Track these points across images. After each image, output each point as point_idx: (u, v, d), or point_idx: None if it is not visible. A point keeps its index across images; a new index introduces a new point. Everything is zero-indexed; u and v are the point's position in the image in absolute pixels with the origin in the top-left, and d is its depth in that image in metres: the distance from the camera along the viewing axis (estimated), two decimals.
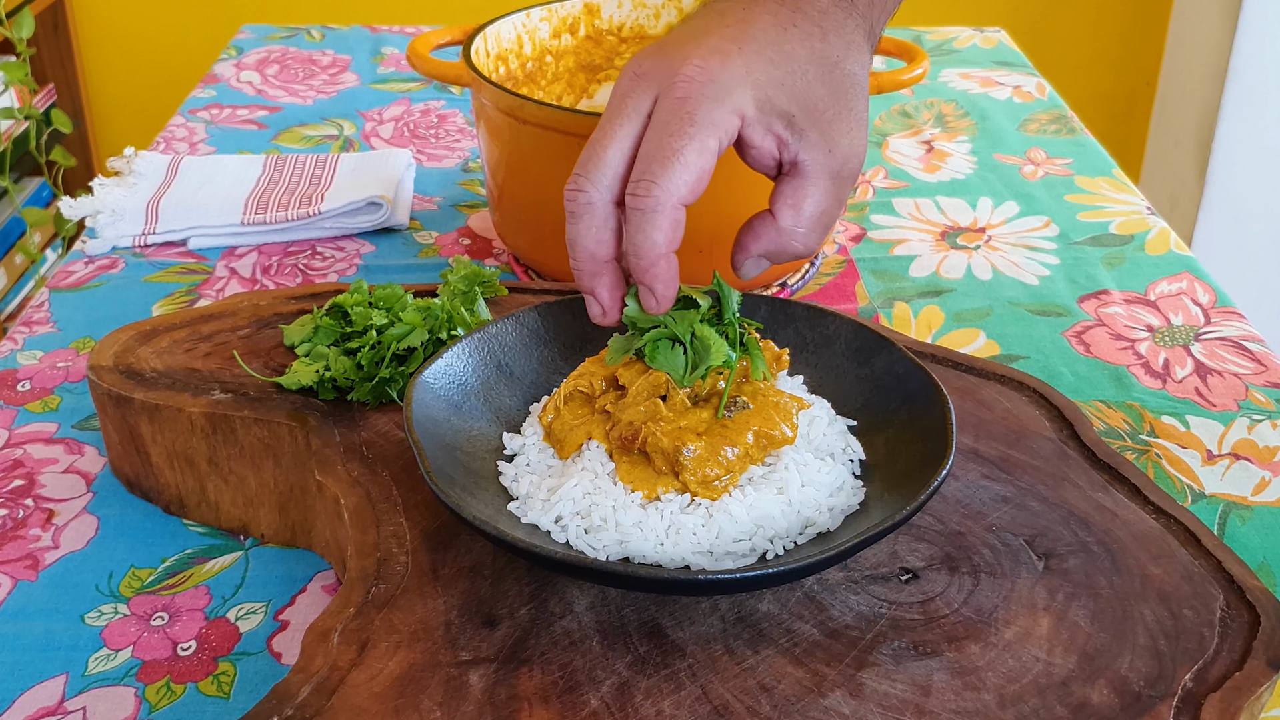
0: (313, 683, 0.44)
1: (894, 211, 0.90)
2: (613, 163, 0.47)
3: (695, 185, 0.46)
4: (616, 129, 0.47)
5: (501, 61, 0.83)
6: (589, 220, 0.48)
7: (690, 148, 0.46)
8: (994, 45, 1.21)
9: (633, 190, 0.46)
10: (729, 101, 0.46)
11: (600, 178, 0.48)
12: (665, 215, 0.46)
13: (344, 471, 0.54)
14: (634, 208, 0.46)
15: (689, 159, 0.46)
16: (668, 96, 0.46)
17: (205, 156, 0.96)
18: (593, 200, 0.48)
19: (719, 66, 0.46)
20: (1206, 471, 0.64)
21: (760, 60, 0.47)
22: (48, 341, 0.75)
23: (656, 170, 0.46)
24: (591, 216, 0.48)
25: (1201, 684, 0.45)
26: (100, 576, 0.57)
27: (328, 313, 0.64)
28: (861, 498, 0.51)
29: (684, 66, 0.46)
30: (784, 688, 0.44)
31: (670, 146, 0.46)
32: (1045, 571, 0.50)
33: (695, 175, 0.46)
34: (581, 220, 0.48)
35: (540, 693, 0.44)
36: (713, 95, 0.46)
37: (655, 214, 0.46)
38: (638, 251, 0.47)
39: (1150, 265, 0.83)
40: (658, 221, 0.46)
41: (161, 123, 1.08)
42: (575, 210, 0.48)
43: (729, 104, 0.46)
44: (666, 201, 0.46)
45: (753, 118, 0.47)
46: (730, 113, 0.46)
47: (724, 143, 0.47)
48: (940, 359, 0.63)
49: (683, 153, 0.46)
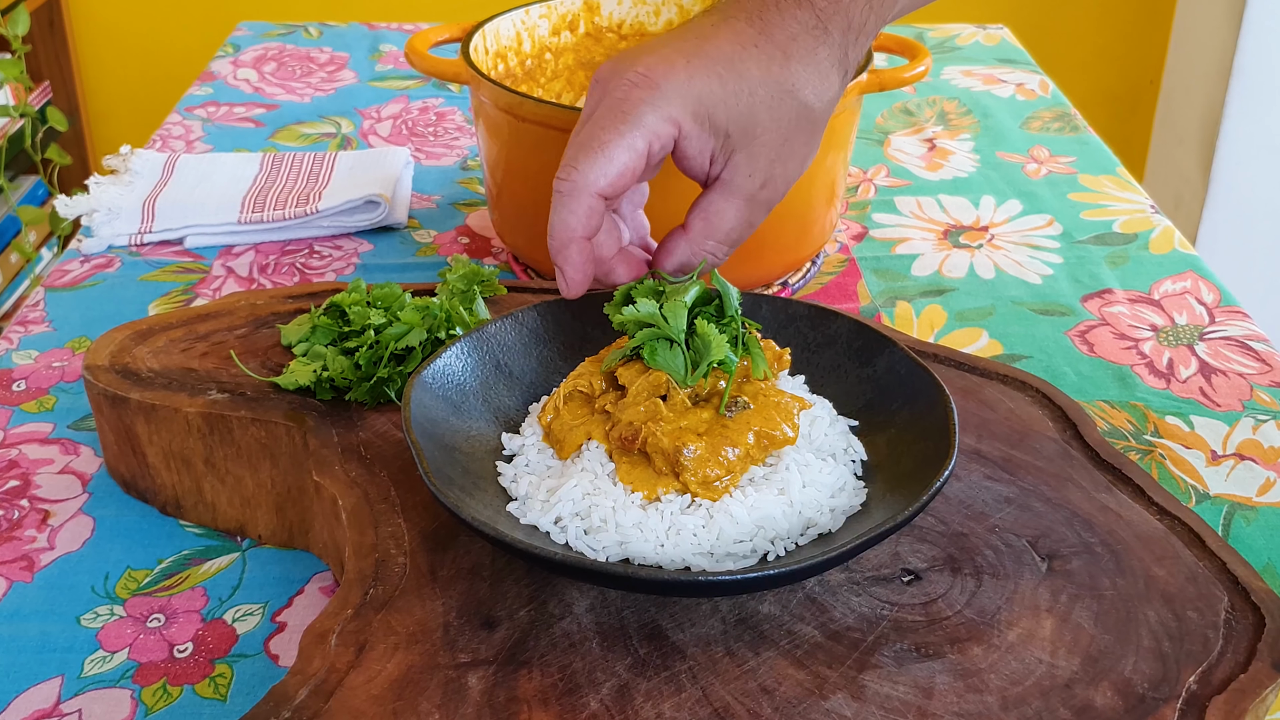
0: (310, 685, 0.44)
1: (896, 210, 0.90)
2: None
3: (616, 180, 0.48)
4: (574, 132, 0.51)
5: (500, 59, 0.83)
6: None
7: (616, 143, 0.48)
8: (997, 42, 1.21)
9: (558, 174, 0.49)
10: (664, 109, 0.48)
11: None
12: (580, 200, 0.49)
13: (342, 472, 0.54)
14: (556, 190, 0.49)
15: (612, 153, 0.48)
16: (609, 96, 0.49)
17: (202, 155, 0.95)
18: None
19: (662, 75, 0.48)
20: (1211, 472, 0.64)
21: (707, 76, 0.49)
22: (43, 341, 0.74)
23: (580, 158, 0.49)
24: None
25: (1206, 686, 0.45)
26: (96, 578, 0.57)
27: (325, 312, 0.64)
28: (863, 498, 0.51)
29: (629, 72, 0.48)
30: (785, 690, 0.44)
31: (597, 138, 0.48)
32: (1048, 573, 0.50)
33: (617, 169, 0.48)
34: None
35: (540, 695, 0.44)
36: (649, 101, 0.48)
37: (570, 197, 0.49)
38: (552, 232, 0.50)
39: (1154, 264, 0.83)
40: (572, 205, 0.49)
41: (158, 120, 1.08)
42: None
43: (664, 111, 0.48)
44: (584, 188, 0.49)
45: (689, 130, 0.49)
46: (664, 119, 0.48)
47: (655, 147, 0.49)
48: (942, 359, 0.63)
49: (607, 145, 0.48)
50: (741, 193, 0.51)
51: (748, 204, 0.51)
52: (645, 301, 0.51)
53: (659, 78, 0.48)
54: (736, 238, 0.53)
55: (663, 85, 0.48)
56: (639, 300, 0.51)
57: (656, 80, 0.48)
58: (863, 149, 0.99)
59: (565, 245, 0.50)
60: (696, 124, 0.49)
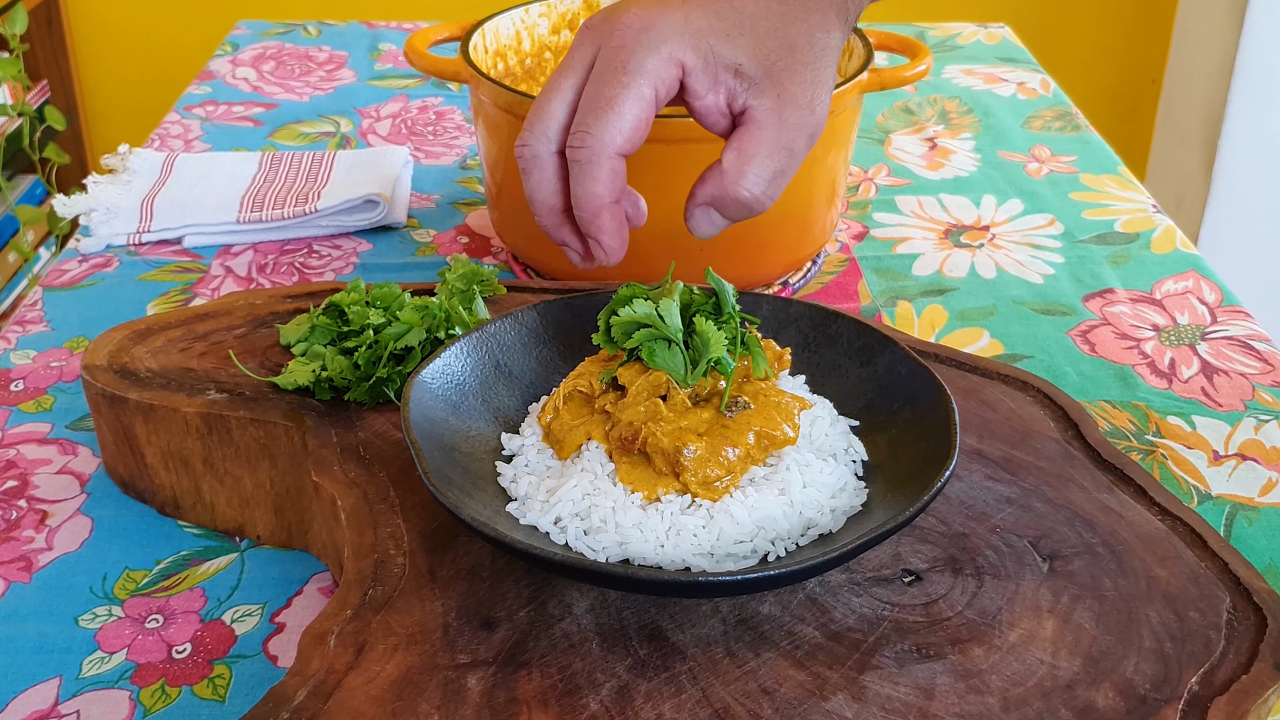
0: (309, 686, 0.44)
1: (897, 209, 0.90)
2: (555, 115, 0.48)
3: (632, 135, 0.46)
4: (560, 80, 0.48)
5: (500, 58, 0.83)
6: (538, 174, 0.49)
7: (624, 96, 0.46)
8: (998, 41, 1.21)
9: (570, 143, 0.47)
10: (664, 49, 0.46)
11: (543, 130, 0.48)
12: (602, 165, 0.47)
13: (341, 472, 0.54)
14: (573, 160, 0.47)
15: (623, 108, 0.46)
16: (606, 46, 0.47)
17: (200, 154, 0.95)
18: (538, 154, 0.48)
19: (656, 15, 0.46)
20: (1213, 472, 0.64)
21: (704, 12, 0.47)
22: (41, 341, 0.74)
23: (591, 121, 0.46)
24: (540, 170, 0.49)
25: (1208, 687, 0.45)
26: (94, 578, 0.57)
27: (324, 312, 0.64)
28: (864, 499, 0.51)
29: (623, 16, 0.46)
30: (786, 691, 0.44)
31: (604, 96, 0.46)
32: (1050, 573, 0.50)
33: (631, 124, 0.46)
34: (531, 175, 0.49)
35: (539, 696, 0.44)
36: (647, 43, 0.46)
37: (592, 165, 0.47)
38: (579, 204, 0.47)
39: (1156, 264, 0.83)
40: (595, 173, 0.47)
41: (156, 120, 1.08)
42: (524, 166, 0.49)
43: (664, 51, 0.46)
44: (602, 152, 0.46)
45: (695, 66, 0.46)
46: (666, 60, 0.46)
47: (662, 91, 0.46)
48: (943, 358, 0.63)
49: (616, 101, 0.46)
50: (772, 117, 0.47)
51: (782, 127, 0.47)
52: (640, 303, 0.50)
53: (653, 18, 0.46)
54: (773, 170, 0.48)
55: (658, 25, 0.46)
56: (634, 302, 0.50)
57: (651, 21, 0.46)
58: (863, 148, 0.99)
59: (596, 214, 0.47)
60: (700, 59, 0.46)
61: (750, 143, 0.48)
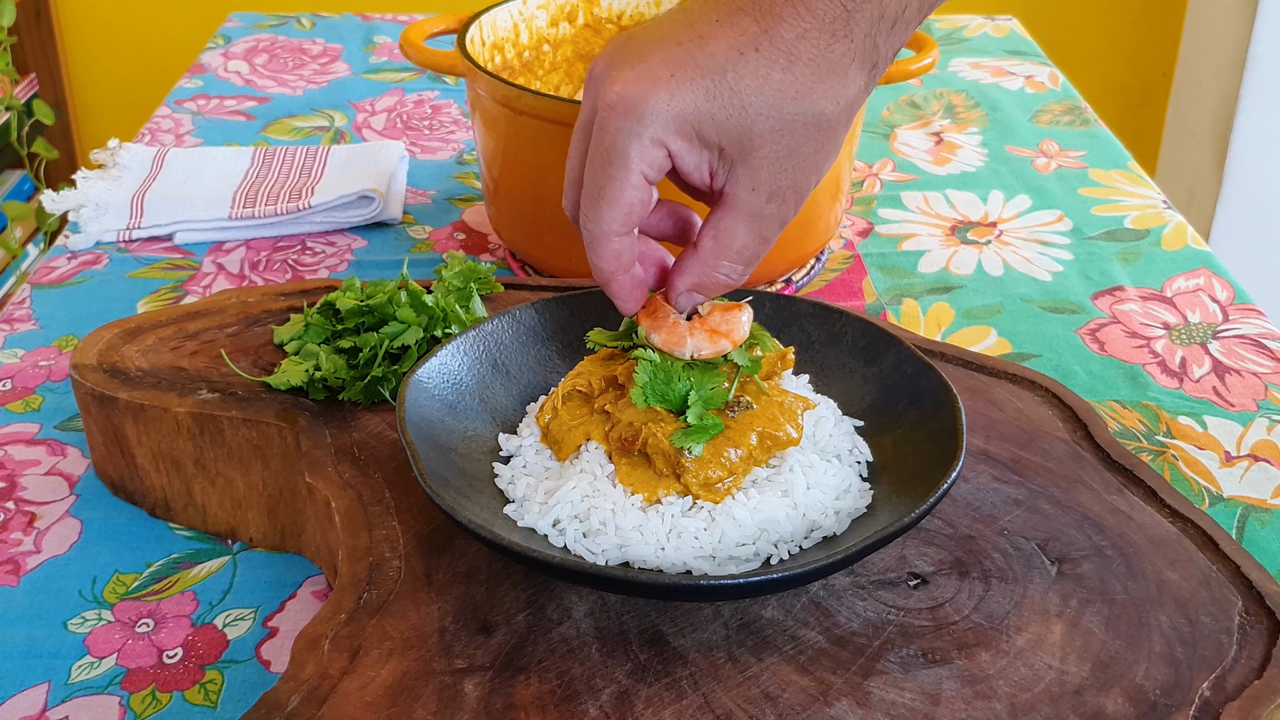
0: (303, 691, 0.44)
1: (902, 205, 0.89)
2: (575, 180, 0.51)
3: (626, 219, 0.48)
4: (574, 143, 0.51)
5: (497, 50, 0.82)
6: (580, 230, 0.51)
7: (613, 186, 0.48)
8: (1005, 34, 1.21)
9: (580, 221, 0.50)
10: (645, 134, 0.47)
11: (571, 195, 0.51)
12: (605, 246, 0.49)
13: (335, 473, 0.54)
14: (582, 234, 0.50)
15: (614, 196, 0.48)
16: (596, 125, 0.48)
17: (192, 149, 0.95)
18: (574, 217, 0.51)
19: (639, 97, 0.47)
20: (1224, 473, 0.63)
21: (692, 90, 0.47)
22: (29, 339, 0.74)
23: (589, 207, 0.49)
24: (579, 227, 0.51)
25: (1219, 693, 0.44)
26: (83, 582, 0.56)
27: (318, 310, 0.63)
28: (869, 500, 0.51)
29: (608, 92, 0.47)
30: (789, 696, 0.44)
31: (596, 185, 0.48)
32: (1058, 577, 0.49)
33: (624, 210, 0.48)
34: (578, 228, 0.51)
35: (538, 702, 0.44)
36: (628, 130, 0.47)
37: (595, 244, 0.49)
38: (593, 271, 0.50)
39: (1166, 261, 0.83)
40: (599, 251, 0.49)
41: (147, 114, 1.07)
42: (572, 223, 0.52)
43: (646, 135, 0.47)
44: (601, 235, 0.49)
45: (679, 149, 0.48)
46: (650, 143, 0.47)
47: (652, 173, 0.48)
48: (950, 357, 0.63)
49: (606, 191, 0.48)
50: (746, 208, 0.49)
51: (755, 219, 0.49)
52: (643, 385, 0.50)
53: (636, 100, 0.46)
54: (750, 255, 0.50)
55: (640, 109, 0.46)
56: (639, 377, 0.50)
57: (633, 103, 0.46)
58: (868, 143, 0.98)
59: (608, 281, 0.51)
60: (684, 141, 0.47)
61: (725, 233, 0.49)
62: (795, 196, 0.49)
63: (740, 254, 0.50)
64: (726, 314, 0.51)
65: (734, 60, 0.46)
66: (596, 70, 0.49)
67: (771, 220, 0.49)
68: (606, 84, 0.47)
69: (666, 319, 0.51)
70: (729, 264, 0.50)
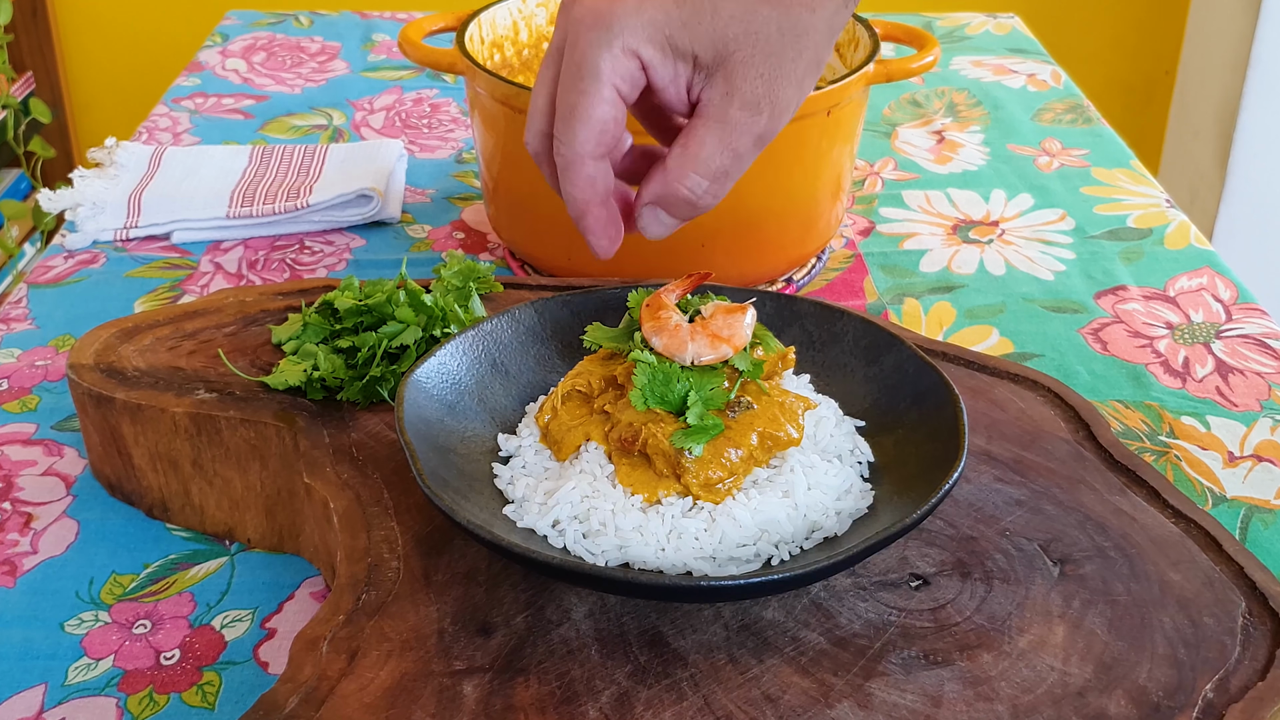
0: (301, 693, 0.43)
1: (904, 204, 0.89)
2: (543, 109, 0.49)
3: (601, 137, 0.47)
4: (543, 71, 0.49)
5: (497, 48, 0.82)
6: (545, 169, 0.50)
7: (585, 103, 0.46)
8: (1007, 32, 1.20)
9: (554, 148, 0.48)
10: (616, 44, 0.46)
11: (537, 127, 0.49)
12: (579, 170, 0.47)
13: (333, 474, 0.54)
14: (556, 162, 0.48)
15: (587, 112, 0.46)
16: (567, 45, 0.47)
17: (189, 147, 0.95)
18: (538, 150, 0.50)
19: (607, 7, 0.46)
20: (1228, 474, 0.63)
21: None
22: (26, 339, 0.73)
23: (562, 129, 0.47)
24: (545, 165, 0.50)
25: (1223, 694, 0.44)
26: (80, 583, 0.56)
27: (316, 309, 0.63)
28: (870, 501, 0.51)
29: (577, 6, 0.46)
30: (789, 698, 0.44)
31: (568, 103, 0.46)
32: (1060, 577, 0.49)
33: (599, 128, 0.46)
34: (542, 169, 0.50)
35: (537, 703, 0.43)
36: (599, 41, 0.46)
37: (569, 170, 0.47)
38: (567, 205, 0.48)
39: (1169, 260, 0.82)
40: (572, 177, 0.47)
41: (144, 112, 1.06)
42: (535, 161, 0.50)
43: (616, 46, 0.46)
44: (575, 158, 0.47)
45: (652, 59, 0.46)
46: (620, 55, 0.46)
47: (625, 87, 0.46)
48: (951, 357, 0.63)
49: (579, 108, 0.46)
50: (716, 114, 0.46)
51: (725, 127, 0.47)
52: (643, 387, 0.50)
53: (603, 10, 0.45)
54: (718, 168, 0.47)
55: (609, 19, 0.45)
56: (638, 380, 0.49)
57: (602, 14, 0.45)
58: (869, 141, 0.98)
59: (581, 215, 0.48)
60: (657, 51, 0.46)
61: (694, 141, 0.47)
62: (771, 108, 0.47)
63: (707, 165, 0.47)
64: (729, 317, 0.50)
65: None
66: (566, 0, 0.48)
67: (743, 130, 0.47)
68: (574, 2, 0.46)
69: (668, 322, 0.51)
70: (695, 176, 0.47)
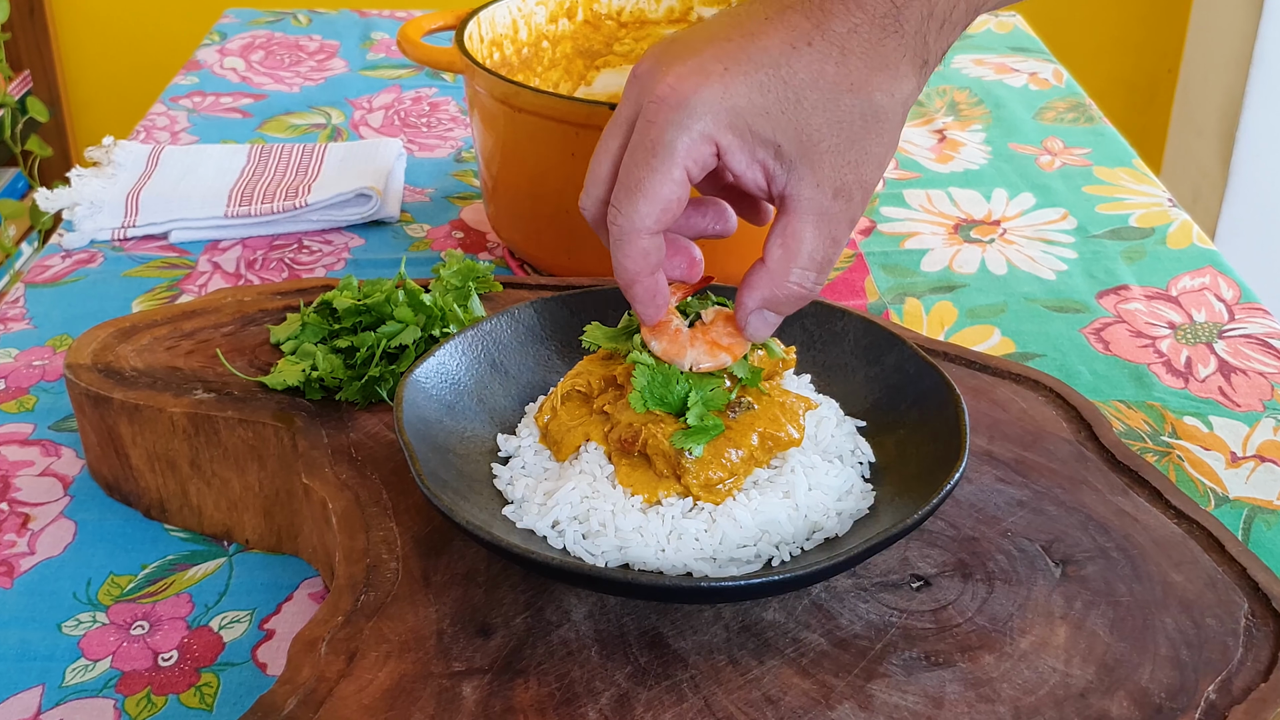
0: (299, 694, 0.43)
1: (905, 203, 0.89)
2: (602, 178, 0.49)
3: (661, 216, 0.47)
4: (608, 139, 0.49)
5: (496, 47, 0.82)
6: (600, 232, 0.50)
7: (653, 180, 0.46)
8: (1009, 30, 1.20)
9: (608, 215, 0.48)
10: (696, 128, 0.46)
11: (595, 194, 0.49)
12: (633, 243, 0.47)
13: (332, 474, 0.53)
14: (609, 232, 0.48)
15: (653, 190, 0.46)
16: (641, 118, 0.47)
17: (187, 146, 0.95)
18: (593, 216, 0.50)
19: (692, 89, 0.45)
20: (1230, 474, 0.63)
21: (746, 84, 0.46)
22: (23, 339, 0.73)
23: (622, 200, 0.47)
24: (601, 230, 0.50)
25: (1225, 696, 0.44)
26: (78, 584, 0.56)
27: (315, 309, 0.63)
28: (871, 502, 0.50)
29: (659, 85, 0.46)
30: (790, 700, 0.44)
31: (634, 177, 0.46)
32: (1062, 578, 0.49)
33: (660, 206, 0.46)
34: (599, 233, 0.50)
35: (537, 705, 0.43)
36: (678, 122, 0.46)
37: (623, 242, 0.47)
38: (616, 272, 0.49)
39: (1172, 259, 0.82)
40: (626, 249, 0.47)
41: (142, 111, 1.06)
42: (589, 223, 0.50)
43: (696, 130, 0.46)
44: (632, 232, 0.47)
45: (730, 145, 0.46)
46: (699, 139, 0.46)
47: (694, 170, 0.47)
48: (953, 357, 0.63)
49: (644, 184, 0.46)
50: (812, 207, 0.47)
51: (822, 219, 0.47)
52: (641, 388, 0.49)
53: (688, 92, 0.45)
54: (822, 259, 0.48)
55: (691, 102, 0.45)
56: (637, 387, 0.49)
57: (685, 96, 0.45)
58: None
59: (631, 284, 0.49)
60: (736, 137, 0.46)
61: (793, 238, 0.47)
62: (861, 192, 0.47)
63: (811, 258, 0.47)
64: (730, 324, 0.50)
65: (787, 54, 0.45)
66: (641, 69, 0.48)
67: (840, 219, 0.47)
68: (655, 79, 0.46)
69: (668, 327, 0.50)
70: (800, 270, 0.47)
